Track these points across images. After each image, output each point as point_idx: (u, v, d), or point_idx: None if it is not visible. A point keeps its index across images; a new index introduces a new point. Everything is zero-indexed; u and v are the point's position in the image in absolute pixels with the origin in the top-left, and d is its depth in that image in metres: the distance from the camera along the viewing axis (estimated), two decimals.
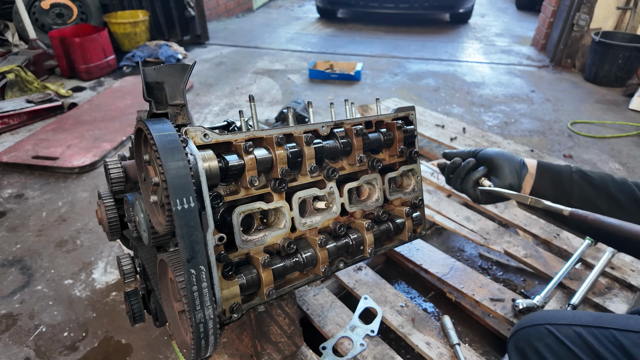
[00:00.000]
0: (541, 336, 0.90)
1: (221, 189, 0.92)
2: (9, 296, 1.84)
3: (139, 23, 5.25)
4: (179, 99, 0.89)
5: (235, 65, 5.10)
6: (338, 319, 1.47)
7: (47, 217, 2.33)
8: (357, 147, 1.07)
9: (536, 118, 3.76)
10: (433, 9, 6.67)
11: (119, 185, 1.18)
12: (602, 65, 4.41)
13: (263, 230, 0.98)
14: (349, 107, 1.17)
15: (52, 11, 5.05)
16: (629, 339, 0.81)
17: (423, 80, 4.68)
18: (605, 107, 4.01)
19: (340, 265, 1.09)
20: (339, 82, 4.56)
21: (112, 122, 3.38)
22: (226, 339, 1.37)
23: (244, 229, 0.98)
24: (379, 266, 1.95)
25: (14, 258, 2.05)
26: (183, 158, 0.73)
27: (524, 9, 8.64)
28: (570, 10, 4.75)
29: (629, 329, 0.82)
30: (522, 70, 5.08)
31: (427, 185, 2.29)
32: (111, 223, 1.21)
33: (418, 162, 1.25)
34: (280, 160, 0.93)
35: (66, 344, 1.62)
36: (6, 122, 3.31)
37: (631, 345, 0.79)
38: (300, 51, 5.74)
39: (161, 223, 0.83)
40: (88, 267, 1.98)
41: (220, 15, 7.47)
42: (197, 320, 0.74)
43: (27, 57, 4.24)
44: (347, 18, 7.81)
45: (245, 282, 0.90)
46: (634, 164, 3.00)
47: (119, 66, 4.78)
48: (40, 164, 2.76)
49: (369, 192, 1.17)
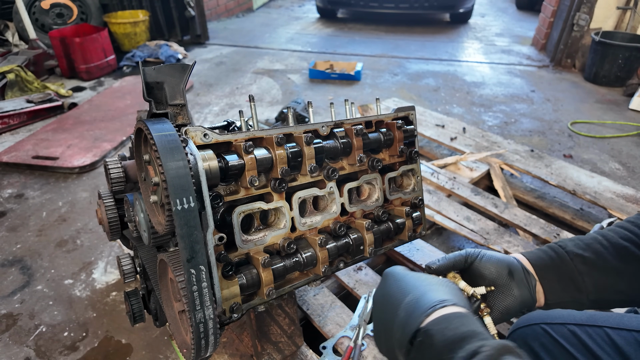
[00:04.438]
0: (537, 336, 0.90)
1: (221, 189, 0.92)
2: (9, 296, 1.84)
3: (139, 23, 5.25)
4: (179, 99, 0.89)
5: (235, 65, 5.10)
6: (338, 318, 1.47)
7: (47, 217, 2.33)
8: (357, 147, 1.07)
9: (536, 118, 3.76)
10: (433, 9, 6.67)
11: (119, 185, 1.18)
12: (602, 65, 4.41)
13: (263, 230, 0.98)
14: (349, 107, 1.17)
15: (52, 11, 5.05)
16: (622, 337, 0.82)
17: (423, 80, 4.68)
18: (605, 107, 4.01)
19: (340, 265, 1.09)
20: (339, 82, 4.55)
21: (112, 122, 3.38)
22: (226, 339, 1.37)
23: (244, 229, 0.98)
24: (379, 266, 1.95)
25: (14, 258, 2.05)
26: (183, 158, 0.73)
27: (524, 9, 8.64)
28: (570, 10, 4.75)
29: (622, 327, 0.83)
30: (522, 70, 5.08)
31: (427, 185, 2.29)
32: (111, 223, 1.21)
33: (418, 162, 1.25)
34: (280, 160, 0.93)
35: (66, 343, 1.62)
36: (6, 122, 3.31)
37: (624, 343, 0.80)
38: (300, 51, 5.74)
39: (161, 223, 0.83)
40: (88, 267, 1.98)
41: (220, 15, 7.47)
42: (197, 320, 0.74)
43: (27, 57, 4.24)
44: (347, 18, 7.81)
45: (245, 282, 0.90)
46: (634, 164, 3.00)
47: (119, 66, 4.78)
48: (40, 164, 2.76)
49: (369, 192, 1.17)
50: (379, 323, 0.74)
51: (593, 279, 0.83)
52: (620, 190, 2.19)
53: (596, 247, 0.86)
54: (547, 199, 2.32)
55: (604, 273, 0.83)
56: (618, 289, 0.83)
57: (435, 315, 0.63)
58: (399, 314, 0.68)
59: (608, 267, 0.83)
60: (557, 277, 0.85)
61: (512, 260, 0.86)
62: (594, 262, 0.84)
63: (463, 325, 0.59)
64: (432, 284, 0.72)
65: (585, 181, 2.28)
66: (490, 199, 2.16)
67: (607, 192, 2.18)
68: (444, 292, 0.69)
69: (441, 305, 0.64)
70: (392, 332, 0.67)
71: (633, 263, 0.82)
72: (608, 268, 0.83)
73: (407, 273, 0.76)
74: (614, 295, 0.84)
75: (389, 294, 0.73)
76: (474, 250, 0.88)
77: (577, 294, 0.84)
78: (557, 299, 0.84)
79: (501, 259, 0.85)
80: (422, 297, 0.67)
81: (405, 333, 0.64)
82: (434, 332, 0.59)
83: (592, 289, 0.83)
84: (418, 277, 0.74)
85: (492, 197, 2.17)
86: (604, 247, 0.85)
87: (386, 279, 0.77)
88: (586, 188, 2.22)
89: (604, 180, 2.29)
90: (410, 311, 0.66)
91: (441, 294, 0.68)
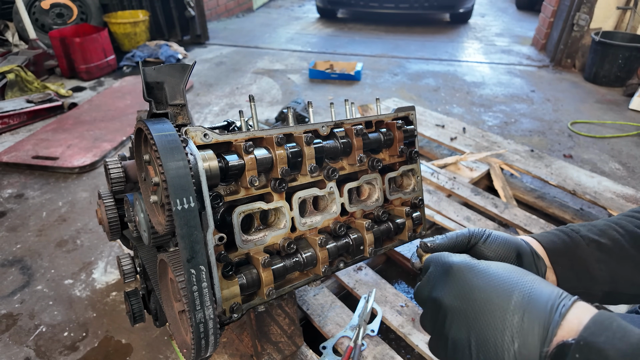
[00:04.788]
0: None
1: (221, 189, 0.92)
2: (9, 296, 1.84)
3: (139, 23, 5.25)
4: (179, 99, 0.89)
5: (235, 65, 5.10)
6: (338, 318, 1.47)
7: (47, 217, 2.33)
8: (357, 147, 1.07)
9: (536, 118, 3.76)
10: (433, 9, 6.67)
11: (119, 185, 1.18)
12: (602, 65, 4.41)
13: (263, 230, 0.98)
14: (349, 107, 1.17)
15: (52, 11, 5.05)
16: None
17: (423, 80, 4.68)
18: (605, 107, 4.01)
19: (341, 265, 1.09)
20: (339, 82, 4.55)
21: (112, 122, 3.38)
22: (226, 339, 1.37)
23: (244, 229, 0.98)
24: (379, 266, 1.95)
25: (14, 258, 2.05)
26: (183, 158, 0.73)
27: (524, 9, 8.64)
28: (570, 10, 4.75)
29: None
30: (522, 70, 5.08)
31: (427, 185, 2.28)
32: (111, 223, 1.21)
33: (418, 162, 1.25)
34: (280, 160, 0.93)
35: (66, 344, 1.62)
36: (6, 122, 3.31)
37: None
38: (300, 51, 5.74)
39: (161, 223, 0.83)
40: (88, 267, 1.98)
41: (220, 15, 7.47)
42: (197, 320, 0.74)
43: (27, 57, 4.24)
44: (347, 18, 7.81)
45: (245, 282, 0.90)
46: (634, 164, 2.99)
47: (119, 66, 4.78)
48: (40, 164, 2.76)
49: (369, 192, 1.17)
50: (466, 333, 0.58)
51: (610, 268, 0.75)
52: (620, 190, 2.19)
53: (612, 233, 0.78)
54: (547, 199, 2.32)
55: (621, 262, 0.75)
56: (634, 281, 0.75)
57: (573, 318, 0.51)
58: (509, 319, 0.53)
59: (626, 255, 0.75)
60: (571, 263, 0.76)
61: (520, 243, 0.77)
62: (610, 250, 0.76)
63: (627, 332, 0.47)
64: (522, 274, 0.59)
65: (585, 181, 2.28)
66: (490, 199, 2.16)
67: (607, 192, 2.18)
68: (546, 283, 0.57)
69: (571, 303, 0.53)
70: (502, 344, 0.53)
71: None
72: (626, 257, 0.75)
73: (478, 265, 0.62)
74: (629, 288, 0.76)
75: (475, 296, 0.58)
76: (479, 230, 0.79)
77: (591, 284, 0.75)
78: (569, 288, 0.72)
79: (509, 241, 0.76)
80: (534, 295, 0.54)
81: (535, 346, 0.51)
82: (603, 346, 0.46)
83: (608, 278, 0.75)
84: (499, 268, 0.60)
85: (492, 197, 2.17)
86: (620, 235, 0.78)
87: (459, 275, 0.62)
88: (586, 188, 2.22)
89: (604, 180, 2.29)
90: (532, 316, 0.52)
91: (549, 286, 0.56)
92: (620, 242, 0.77)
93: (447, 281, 0.62)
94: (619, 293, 0.77)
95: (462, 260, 0.64)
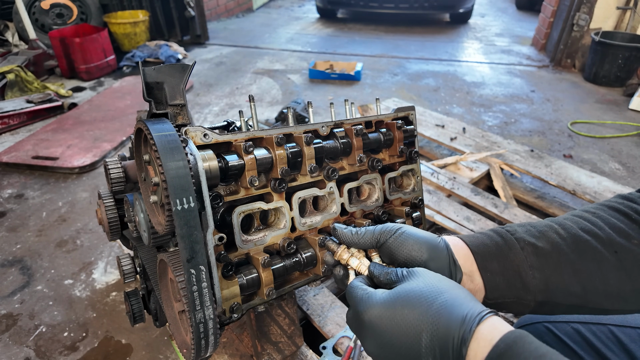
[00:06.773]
0: (540, 334, 0.89)
1: (221, 189, 0.92)
2: (9, 296, 1.84)
3: (139, 23, 5.25)
4: (179, 99, 0.89)
5: (235, 65, 5.10)
6: (338, 319, 1.46)
7: (47, 217, 2.33)
8: (357, 147, 1.07)
9: (536, 118, 3.76)
10: (433, 9, 6.67)
11: (119, 185, 1.18)
12: (602, 65, 4.41)
13: (263, 230, 0.98)
14: (349, 107, 1.17)
15: (52, 11, 5.05)
16: (626, 334, 0.81)
17: (423, 80, 4.68)
18: (605, 107, 4.01)
19: None
20: (339, 82, 4.55)
21: (112, 122, 3.38)
22: (226, 339, 1.37)
23: (244, 229, 0.98)
24: None
25: (14, 258, 2.05)
26: (183, 158, 0.73)
27: (524, 9, 8.64)
28: (570, 10, 4.75)
29: (626, 325, 0.82)
30: (522, 70, 5.08)
31: (427, 185, 2.29)
32: (111, 223, 1.21)
33: (418, 162, 1.25)
34: (280, 160, 0.93)
35: (66, 344, 1.62)
36: (6, 122, 3.31)
37: (629, 340, 0.80)
38: (300, 51, 5.74)
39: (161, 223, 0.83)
40: (88, 267, 1.98)
41: (220, 15, 7.47)
42: (197, 320, 0.74)
43: (27, 57, 4.24)
44: (347, 18, 7.81)
45: (245, 282, 0.90)
46: (634, 164, 3.00)
47: (119, 66, 4.78)
48: (40, 164, 2.76)
49: (369, 192, 1.17)
50: None
51: (545, 275, 0.67)
52: (620, 190, 2.19)
53: (551, 236, 0.70)
54: (547, 199, 2.32)
55: (558, 269, 0.68)
56: (571, 291, 0.67)
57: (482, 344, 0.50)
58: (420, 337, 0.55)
59: (565, 261, 0.68)
60: (501, 269, 0.68)
61: (435, 244, 0.68)
62: (548, 254, 0.68)
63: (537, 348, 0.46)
64: (429, 303, 0.57)
65: (585, 181, 2.28)
66: (490, 199, 2.16)
67: (607, 192, 2.18)
68: (452, 305, 0.55)
69: (471, 336, 0.51)
70: None
71: (592, 261, 0.67)
72: (565, 263, 0.68)
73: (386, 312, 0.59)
74: (565, 298, 0.68)
75: (392, 342, 0.59)
76: (391, 227, 0.71)
77: (523, 293, 0.67)
78: (498, 297, 0.68)
79: (420, 241, 0.67)
80: (440, 332, 0.54)
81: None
82: None
83: (542, 287, 0.67)
84: (405, 305, 0.58)
85: (492, 197, 2.17)
86: (561, 238, 0.70)
87: (370, 328, 0.60)
88: (586, 188, 2.22)
89: (604, 180, 2.29)
90: (444, 356, 0.53)
91: (455, 310, 0.55)
92: (560, 246, 0.68)
93: (363, 331, 0.62)
94: (554, 304, 0.69)
95: (372, 308, 0.60)
